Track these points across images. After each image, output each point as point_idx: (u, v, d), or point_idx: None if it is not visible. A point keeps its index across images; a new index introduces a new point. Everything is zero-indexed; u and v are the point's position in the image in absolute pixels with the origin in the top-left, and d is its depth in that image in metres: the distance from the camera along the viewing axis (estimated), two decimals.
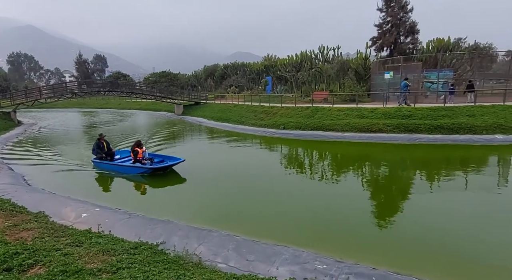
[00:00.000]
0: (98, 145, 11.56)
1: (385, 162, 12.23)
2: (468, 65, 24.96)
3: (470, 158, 12.50)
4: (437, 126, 15.01)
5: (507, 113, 15.11)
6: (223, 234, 5.85)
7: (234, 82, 43.47)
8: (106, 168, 11.30)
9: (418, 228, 6.31)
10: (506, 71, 22.08)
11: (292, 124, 19.09)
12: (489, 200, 7.82)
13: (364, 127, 16.36)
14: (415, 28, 27.88)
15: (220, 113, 27.78)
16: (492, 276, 4.69)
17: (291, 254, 5.04)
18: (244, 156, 13.88)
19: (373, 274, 4.45)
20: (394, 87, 22.30)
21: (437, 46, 27.02)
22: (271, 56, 45.88)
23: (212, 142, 18.28)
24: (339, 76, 28.72)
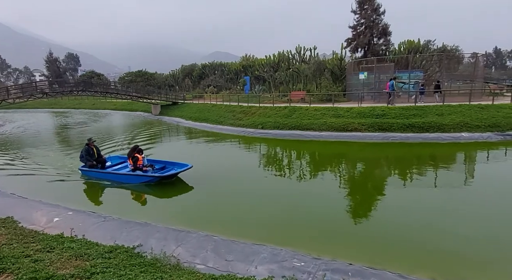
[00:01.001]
0: (87, 151, 10.25)
1: (361, 160, 12.59)
2: (437, 66, 26.14)
3: (439, 155, 13.08)
4: (409, 125, 15.61)
5: (472, 112, 15.95)
6: (201, 235, 5.82)
7: (212, 82, 43.19)
8: (99, 177, 10.09)
9: (392, 223, 6.55)
10: (471, 72, 23.35)
11: (270, 124, 19.23)
12: (456, 195, 8.22)
13: (340, 126, 16.74)
14: (387, 30, 28.86)
15: (199, 113, 27.55)
16: (460, 266, 4.93)
17: (270, 253, 5.09)
18: (222, 156, 13.84)
19: (349, 269, 4.58)
20: (368, 87, 22.99)
21: (408, 48, 28.11)
22: (249, 56, 45.95)
23: (190, 142, 18.10)
24: (316, 76, 29.22)
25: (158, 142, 17.82)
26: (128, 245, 5.23)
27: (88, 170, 10.26)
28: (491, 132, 14.68)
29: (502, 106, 16.50)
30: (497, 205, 7.30)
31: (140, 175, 9.51)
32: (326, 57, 33.42)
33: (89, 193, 9.33)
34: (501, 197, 7.80)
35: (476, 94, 18.96)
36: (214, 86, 41.37)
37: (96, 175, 10.20)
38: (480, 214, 6.89)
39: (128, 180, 9.62)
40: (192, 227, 6.32)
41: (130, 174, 9.67)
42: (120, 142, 17.37)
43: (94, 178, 10.14)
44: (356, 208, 7.63)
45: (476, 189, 8.64)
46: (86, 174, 10.42)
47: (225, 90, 39.71)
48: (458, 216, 6.83)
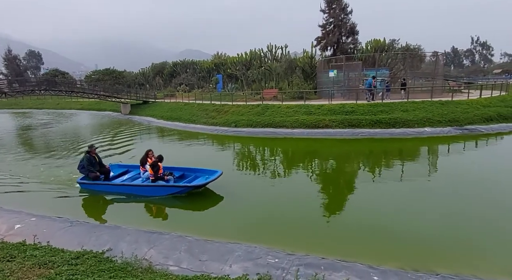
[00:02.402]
0: (89, 161, 8.72)
1: (332, 156, 12.93)
2: (401, 65, 27.34)
3: (405, 149, 13.70)
4: (376, 121, 16.22)
5: (434, 108, 16.85)
6: (174, 235, 5.75)
7: (184, 80, 42.49)
8: (107, 191, 8.57)
9: (362, 217, 6.75)
10: (433, 70, 24.65)
11: (243, 122, 19.26)
12: (422, 187, 8.64)
13: (312, 123, 17.08)
14: (355, 29, 29.75)
15: (171, 112, 27.07)
16: (427, 256, 5.15)
17: (244, 251, 5.12)
18: (195, 155, 13.68)
19: (322, 263, 4.69)
20: (338, 84, 23.60)
21: (374, 47, 29.15)
22: (221, 54, 45.65)
23: (163, 141, 17.73)
24: (288, 74, 29.58)
25: (130, 142, 17.25)
26: (97, 250, 5.05)
27: (92, 183, 8.70)
28: (451, 126, 15.58)
29: (460, 102, 17.56)
30: (459, 196, 7.75)
31: (170, 186, 8.18)
32: (297, 55, 33.91)
33: (54, 198, 8.76)
34: (463, 188, 8.30)
35: (437, 91, 20.03)
36: (186, 84, 40.75)
37: (102, 189, 8.65)
38: (443, 204, 7.28)
39: (152, 193, 8.21)
40: (165, 228, 6.22)
41: (156, 186, 8.22)
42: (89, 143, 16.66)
43: (99, 192, 8.65)
44: (328, 203, 7.82)
45: (440, 181, 9.13)
46: (87, 188, 8.82)
47: (197, 89, 39.25)
48: (423, 207, 7.18)
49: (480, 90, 19.99)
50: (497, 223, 6.22)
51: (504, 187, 8.18)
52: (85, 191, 8.79)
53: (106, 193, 8.60)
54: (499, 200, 7.32)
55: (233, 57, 38.69)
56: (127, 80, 52.56)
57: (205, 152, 14.66)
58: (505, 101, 18.66)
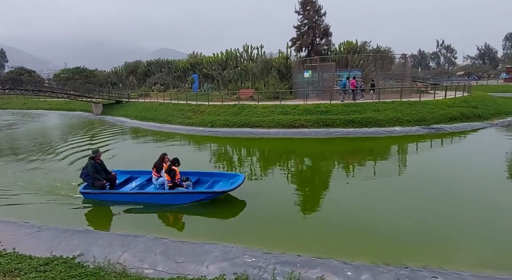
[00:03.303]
0: (95, 168, 7.92)
1: (308, 155, 13.17)
2: (372, 66, 28.32)
3: (377, 148, 14.18)
4: (350, 121, 16.69)
5: (403, 108, 17.58)
6: (150, 238, 5.66)
7: (159, 80, 41.66)
8: (118, 201, 7.79)
9: (337, 214, 6.95)
10: (402, 72, 25.70)
11: (220, 122, 19.21)
12: (393, 184, 9.04)
13: (287, 123, 17.30)
14: (328, 31, 30.45)
15: (145, 112, 26.53)
16: (398, 250, 5.38)
17: (221, 251, 5.12)
18: (173, 155, 13.45)
19: (298, 261, 4.78)
20: (313, 85, 24.06)
21: (347, 48, 29.97)
22: (197, 53, 45.19)
23: (137, 142, 17.32)
24: (263, 74, 29.78)
25: (104, 143, 16.61)
26: (67, 256, 4.88)
27: (98, 192, 7.88)
28: (419, 126, 16.31)
29: (427, 103, 18.43)
30: (428, 192, 8.12)
31: (195, 192, 7.60)
32: (273, 55, 34.20)
33: (20, 201, 8.26)
34: (431, 184, 8.69)
35: (406, 91, 20.89)
36: (161, 84, 40.00)
37: (111, 199, 7.83)
38: (413, 200, 7.63)
39: (173, 201, 7.56)
40: (140, 231, 6.10)
41: (179, 193, 7.55)
42: (65, 146, 15.99)
43: (106, 202, 7.83)
44: (304, 202, 7.97)
45: (410, 178, 9.57)
46: (93, 198, 7.94)
47: (173, 88, 38.65)
48: (395, 203, 7.49)
49: (445, 91, 21.07)
50: (463, 217, 6.61)
51: (468, 183, 8.67)
52: (89, 202, 7.88)
53: (114, 203, 7.77)
54: (464, 195, 7.76)
55: (209, 56, 38.42)
56: (98, 79, 50.93)
57: (183, 152, 14.42)
58: (467, 101, 19.79)
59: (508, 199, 7.50)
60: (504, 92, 40.42)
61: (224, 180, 8.36)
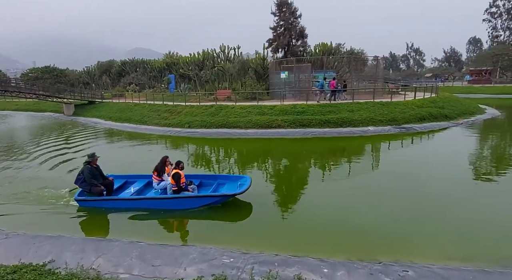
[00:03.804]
0: (92, 173, 7.44)
1: (285, 155, 13.32)
2: (347, 67, 29.08)
3: (352, 147, 14.59)
4: (325, 121, 17.05)
5: (376, 108, 18.19)
6: (125, 242, 5.56)
7: (134, 80, 40.69)
8: (117, 207, 7.36)
9: (314, 213, 7.07)
10: (374, 73, 26.57)
11: (197, 123, 19.06)
12: (367, 182, 9.30)
13: (265, 123, 17.43)
14: (304, 32, 30.93)
15: (120, 113, 25.85)
16: (372, 247, 5.56)
17: (199, 253, 5.12)
18: (145, 157, 13.18)
19: (275, 260, 4.85)
20: (289, 85, 24.37)
21: (322, 50, 30.60)
22: (173, 53, 44.53)
23: (113, 144, 16.81)
24: (241, 75, 29.83)
25: (80, 146, 15.90)
26: (37, 263, 4.70)
27: (96, 199, 7.40)
28: (390, 125, 16.93)
29: (398, 103, 19.17)
30: (400, 189, 8.46)
31: (205, 196, 7.30)
32: (250, 56, 34.32)
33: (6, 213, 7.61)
34: (402, 181, 9.08)
35: (378, 92, 21.62)
36: (136, 84, 39.09)
37: (111, 206, 7.38)
38: (386, 198, 7.93)
39: (181, 206, 7.24)
40: (115, 235, 5.97)
41: (187, 197, 7.26)
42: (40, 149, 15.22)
43: (105, 209, 7.38)
44: (282, 201, 8.08)
45: (383, 176, 9.90)
46: (89, 206, 7.47)
47: (148, 89, 37.89)
48: (369, 201, 7.73)
49: (414, 92, 22.01)
50: (431, 212, 6.92)
51: (436, 180, 9.09)
52: (85, 210, 7.43)
53: (112, 210, 7.33)
54: (433, 192, 8.14)
55: (186, 57, 37.99)
56: (70, 79, 49.19)
57: (160, 154, 14.20)
58: (435, 102, 20.76)
59: (472, 195, 7.97)
60: (468, 93, 42.85)
61: (229, 183, 8.15)
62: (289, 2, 30.26)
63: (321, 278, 4.37)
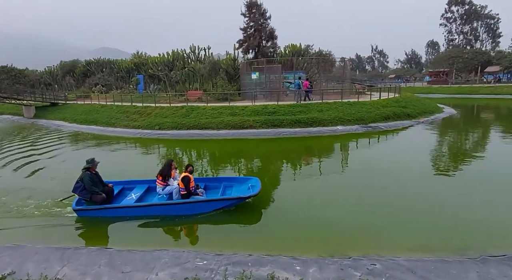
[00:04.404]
0: (92, 179, 7.02)
1: (257, 155, 13.42)
2: (316, 68, 29.80)
3: (322, 146, 14.95)
4: (296, 121, 17.37)
5: (344, 108, 18.80)
6: (93, 249, 5.37)
7: (100, 81, 39.12)
8: (121, 216, 6.93)
9: (285, 211, 7.18)
10: (342, 74, 27.45)
11: (168, 124, 18.72)
12: (337, 179, 9.60)
13: (237, 124, 17.46)
14: (273, 33, 31.32)
15: (85, 115, 24.80)
16: (343, 243, 5.74)
17: (172, 257, 5.05)
18: (118, 160, 12.76)
19: (249, 260, 4.89)
20: (260, 86, 24.56)
21: (292, 51, 31.14)
22: (141, 53, 43.34)
23: (76, 147, 16.01)
24: (212, 75, 29.62)
25: (47, 151, 14.91)
26: None
27: (97, 208, 6.90)
28: (358, 124, 17.57)
29: (365, 103, 19.94)
30: (366, 185, 8.80)
31: (219, 199, 7.03)
32: (221, 57, 34.16)
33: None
34: (369, 178, 9.45)
35: (346, 92, 22.36)
36: (102, 85, 37.61)
37: (114, 214, 6.93)
38: (354, 194, 8.21)
39: (193, 211, 6.97)
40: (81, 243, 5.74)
41: (200, 202, 7.02)
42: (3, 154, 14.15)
43: (106, 218, 6.91)
44: (254, 201, 8.12)
45: (351, 173, 10.25)
46: (90, 216, 6.94)
47: (116, 89, 36.61)
48: (339, 198, 7.99)
49: (379, 93, 23.00)
50: (397, 206, 7.29)
51: (400, 176, 9.59)
52: (83, 220, 6.92)
53: (114, 219, 6.87)
54: (398, 187, 8.57)
55: (155, 57, 37.13)
56: (30, 80, 46.41)
57: (129, 157, 13.79)
58: (398, 102, 21.81)
59: (433, 189, 8.45)
60: (428, 93, 45.56)
61: (236, 185, 8.00)
62: (259, 4, 30.51)
63: (294, 276, 4.45)
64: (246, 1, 30.51)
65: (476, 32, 65.33)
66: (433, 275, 4.43)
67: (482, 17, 63.60)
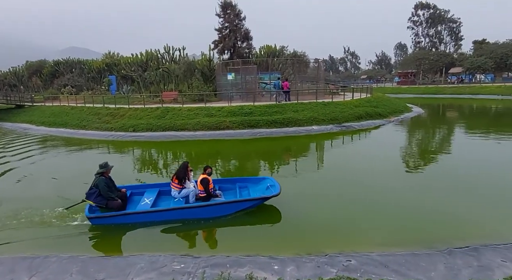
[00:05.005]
0: (107, 184, 6.72)
1: (234, 156, 13.41)
2: (291, 69, 30.21)
3: (298, 146, 15.16)
4: (272, 121, 17.53)
5: (319, 108, 19.18)
6: (64, 257, 5.15)
7: (69, 81, 37.53)
8: (138, 222, 6.59)
9: (263, 211, 7.20)
10: (316, 75, 28.01)
11: (142, 126, 18.32)
12: (313, 177, 9.79)
13: (213, 125, 17.38)
14: (249, 34, 31.41)
15: (54, 117, 23.78)
16: (318, 241, 5.81)
17: (148, 261, 4.95)
18: (92, 164, 12.27)
19: (227, 261, 4.88)
20: (236, 87, 24.57)
21: (267, 52, 31.39)
22: (113, 53, 42.05)
23: (47, 151, 15.22)
24: (187, 76, 29.25)
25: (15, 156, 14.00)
26: None
27: (114, 215, 6.53)
28: (332, 124, 17.98)
29: (338, 103, 20.45)
30: (343, 182, 9.08)
31: (243, 200, 6.97)
32: (196, 58, 33.81)
33: None
34: (344, 175, 9.75)
35: (320, 93, 22.82)
36: (72, 86, 36.13)
37: (132, 221, 6.58)
38: (331, 191, 8.41)
39: (215, 213, 6.82)
40: (53, 251, 5.49)
41: (226, 203, 6.89)
42: None
43: (121, 225, 6.54)
44: None
45: (327, 171, 10.54)
46: (105, 223, 6.55)
47: (86, 91, 35.31)
48: (315, 195, 8.13)
49: (352, 93, 23.68)
50: (371, 203, 7.51)
51: (374, 173, 9.92)
52: (98, 229, 6.47)
53: (129, 225, 6.51)
54: (372, 183, 8.86)
55: (127, 57, 36.12)
56: None
57: (105, 159, 13.28)
58: (370, 102, 22.55)
59: (404, 185, 8.83)
60: (397, 93, 47.49)
61: (251, 185, 7.91)
62: (234, 5, 30.48)
63: (272, 275, 4.48)
64: (221, 2, 30.40)
65: (440, 35, 68.75)
66: (404, 268, 4.61)
67: (445, 21, 66.98)
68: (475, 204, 7.25)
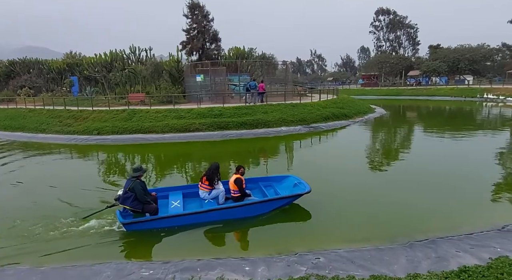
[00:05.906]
0: (143, 188, 6.53)
1: (204, 158, 13.29)
2: (259, 71, 30.49)
3: (268, 147, 15.35)
4: (242, 123, 17.61)
5: (287, 110, 19.55)
6: (22, 269, 4.88)
7: (27, 83, 35.21)
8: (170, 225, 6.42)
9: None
10: (284, 77, 28.52)
11: (107, 129, 17.66)
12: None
13: (182, 127, 17.14)
14: (217, 36, 31.24)
15: (10, 120, 22.28)
16: (290, 239, 5.93)
17: (114, 269, 4.81)
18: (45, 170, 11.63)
19: (197, 265, 4.84)
20: (205, 89, 24.39)
21: (236, 54, 31.41)
22: (75, 53, 40.04)
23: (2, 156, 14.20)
24: (154, 77, 28.56)
25: None
26: None
27: (150, 219, 6.35)
28: (301, 125, 18.39)
29: (306, 104, 20.96)
30: (313, 182, 9.14)
31: (279, 198, 7.00)
32: (163, 59, 33.10)
33: None
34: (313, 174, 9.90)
35: (288, 95, 23.26)
36: (30, 87, 33.93)
37: (165, 225, 6.40)
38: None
39: (253, 212, 6.87)
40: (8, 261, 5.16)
41: (264, 201, 6.91)
42: None
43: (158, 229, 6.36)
44: None
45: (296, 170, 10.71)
46: (140, 229, 6.32)
47: (46, 92, 33.32)
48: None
49: (319, 94, 24.37)
50: (338, 200, 7.81)
51: (342, 170, 10.35)
52: (131, 235, 6.22)
53: (164, 229, 6.36)
54: (340, 181, 9.25)
55: (90, 57, 34.51)
56: None
57: (67, 164, 12.66)
58: (336, 103, 23.35)
59: (368, 182, 9.23)
60: (361, 95, 49.62)
61: (275, 184, 7.97)
62: (201, 6, 30.20)
63: (243, 277, 4.51)
64: (188, 2, 30.00)
65: (399, 40, 72.44)
66: (370, 263, 4.82)
67: (404, 26, 70.76)
68: (434, 198, 7.73)
